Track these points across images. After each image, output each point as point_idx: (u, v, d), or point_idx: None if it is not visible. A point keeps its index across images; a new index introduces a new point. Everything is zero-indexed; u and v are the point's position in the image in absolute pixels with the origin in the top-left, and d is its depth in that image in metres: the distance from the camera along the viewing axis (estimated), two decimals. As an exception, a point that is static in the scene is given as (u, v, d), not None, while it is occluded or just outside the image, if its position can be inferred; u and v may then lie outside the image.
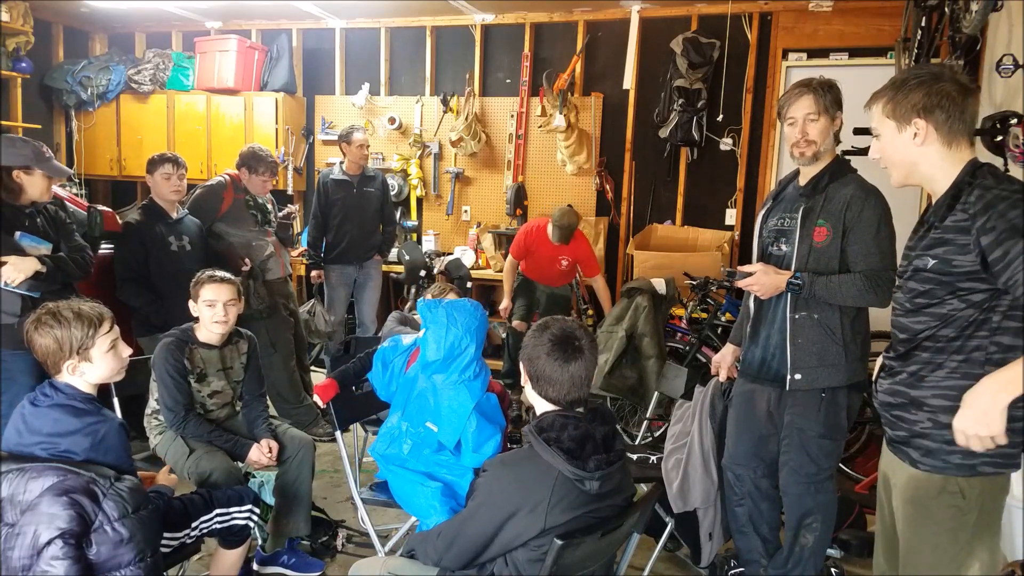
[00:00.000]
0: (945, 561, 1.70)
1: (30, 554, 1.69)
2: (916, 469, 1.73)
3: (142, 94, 6.27)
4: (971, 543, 1.68)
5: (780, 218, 2.47)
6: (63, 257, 3.03)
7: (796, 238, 2.37)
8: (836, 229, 2.32)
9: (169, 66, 6.26)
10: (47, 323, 1.97)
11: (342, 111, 6.16)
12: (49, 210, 3.12)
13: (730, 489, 2.69)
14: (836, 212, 2.32)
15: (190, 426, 2.76)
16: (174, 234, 3.73)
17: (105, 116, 6.39)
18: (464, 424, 2.48)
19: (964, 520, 1.68)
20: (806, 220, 2.36)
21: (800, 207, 2.39)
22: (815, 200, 2.36)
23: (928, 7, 3.59)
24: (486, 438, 2.48)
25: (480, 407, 2.51)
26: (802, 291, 2.31)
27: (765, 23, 5.14)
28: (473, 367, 2.52)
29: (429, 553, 1.87)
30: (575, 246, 4.71)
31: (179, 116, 6.21)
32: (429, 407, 2.60)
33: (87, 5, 5.83)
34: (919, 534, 1.74)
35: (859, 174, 2.41)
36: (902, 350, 1.76)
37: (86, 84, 6.27)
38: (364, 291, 5.10)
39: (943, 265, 1.64)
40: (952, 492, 1.68)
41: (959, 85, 1.66)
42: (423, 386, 2.64)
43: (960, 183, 1.65)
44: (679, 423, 2.94)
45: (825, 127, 2.35)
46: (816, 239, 2.34)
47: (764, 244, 2.53)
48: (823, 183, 2.37)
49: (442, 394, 2.56)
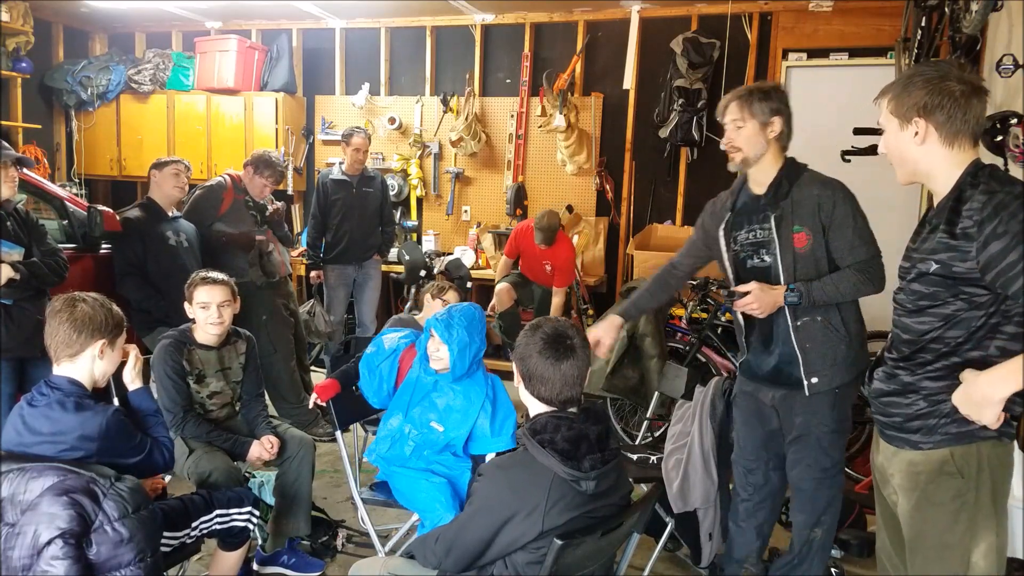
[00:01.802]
0: (951, 543, 1.69)
1: (30, 554, 1.69)
2: (917, 451, 1.72)
3: (142, 94, 6.27)
4: (974, 523, 1.67)
5: (749, 230, 2.44)
6: (37, 262, 3.01)
7: (777, 248, 2.35)
8: (815, 232, 2.31)
9: (169, 66, 6.26)
10: (98, 301, 2.07)
11: (342, 111, 6.15)
12: (20, 213, 3.10)
13: (740, 483, 2.67)
14: (810, 215, 2.31)
15: (189, 426, 2.76)
16: (172, 230, 3.77)
17: (105, 116, 6.39)
18: (476, 417, 2.55)
19: (965, 500, 1.67)
20: (781, 228, 2.34)
21: (769, 216, 2.37)
22: (783, 207, 2.34)
23: (928, 7, 3.58)
24: (504, 417, 2.58)
25: (488, 394, 2.61)
26: (802, 301, 2.30)
27: (765, 23, 5.13)
28: (480, 360, 2.64)
29: (428, 558, 1.87)
30: (556, 251, 4.77)
31: (179, 116, 6.21)
32: (436, 407, 2.61)
33: (87, 5, 5.83)
34: (922, 519, 1.73)
35: (812, 169, 2.39)
36: (906, 351, 1.75)
37: (86, 84, 6.27)
38: (364, 291, 5.10)
39: (945, 269, 1.63)
40: (950, 473, 1.68)
41: (965, 84, 1.64)
42: (426, 385, 2.65)
43: (962, 185, 1.64)
44: (679, 423, 2.94)
45: (752, 133, 2.32)
46: (798, 246, 2.33)
47: (739, 258, 2.49)
48: (784, 188, 2.35)
49: (451, 393, 2.58)
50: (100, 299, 2.09)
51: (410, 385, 2.70)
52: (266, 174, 4.11)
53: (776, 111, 2.31)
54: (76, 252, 3.71)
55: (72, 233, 3.82)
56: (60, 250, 3.20)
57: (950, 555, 1.70)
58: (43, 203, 3.90)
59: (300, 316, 4.60)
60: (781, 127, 2.33)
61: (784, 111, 2.33)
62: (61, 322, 2.01)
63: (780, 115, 2.32)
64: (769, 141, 2.33)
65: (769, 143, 2.33)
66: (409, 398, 2.69)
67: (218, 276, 2.87)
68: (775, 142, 2.34)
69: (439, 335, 2.57)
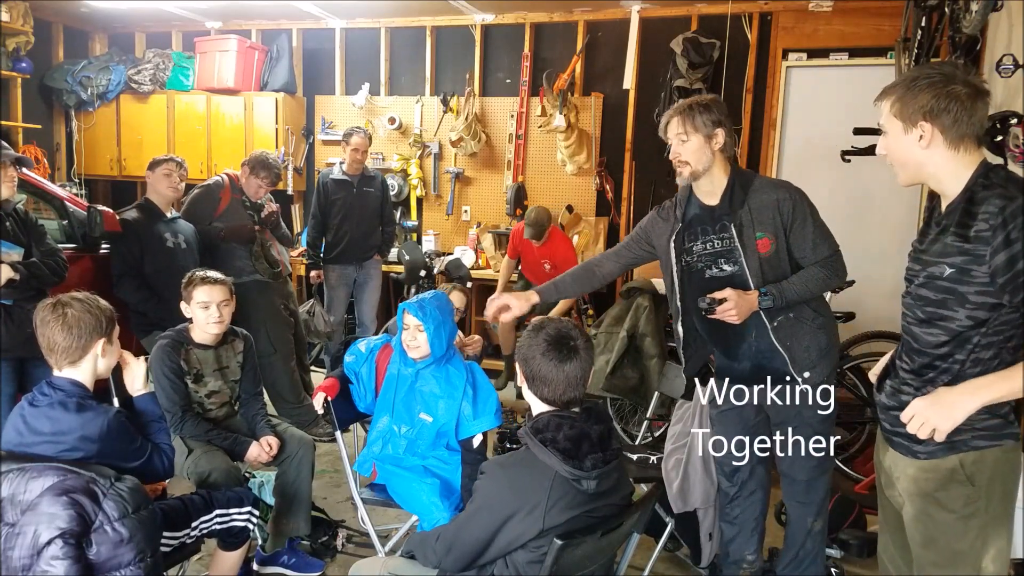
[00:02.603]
0: (963, 549, 1.69)
1: (30, 554, 1.69)
2: (917, 459, 1.72)
3: (142, 94, 6.27)
4: (985, 530, 1.68)
5: (706, 240, 2.46)
6: (36, 262, 3.01)
7: (741, 255, 2.39)
8: (777, 236, 2.37)
9: (169, 66, 6.26)
10: (83, 300, 2.02)
11: (342, 111, 6.15)
12: (19, 213, 3.10)
13: (724, 484, 2.67)
14: (769, 220, 2.36)
15: (187, 426, 2.76)
16: (170, 231, 3.76)
17: (105, 116, 6.39)
18: (460, 400, 2.59)
19: (976, 508, 1.67)
20: (743, 236, 2.38)
21: (728, 225, 2.40)
22: (740, 215, 2.39)
23: (928, 7, 3.58)
24: (485, 398, 2.63)
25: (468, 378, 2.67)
26: (776, 303, 2.35)
27: (765, 23, 5.13)
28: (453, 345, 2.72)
29: (429, 557, 1.87)
30: (554, 249, 4.78)
31: (179, 116, 6.21)
32: (423, 395, 2.63)
33: (87, 5, 5.83)
34: (933, 526, 1.73)
35: (760, 175, 2.44)
36: (916, 362, 1.74)
37: (86, 84, 6.27)
38: (364, 291, 5.10)
39: (960, 275, 1.62)
40: (960, 481, 1.68)
41: (970, 87, 1.62)
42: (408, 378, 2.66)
43: (973, 187, 1.62)
44: (679, 423, 2.94)
45: (697, 146, 2.37)
46: (762, 251, 2.38)
47: (692, 270, 2.50)
48: (739, 196, 2.39)
49: (434, 380, 2.62)
50: (86, 298, 2.05)
51: (392, 382, 2.72)
52: (262, 175, 4.10)
53: (718, 123, 2.37)
54: (76, 252, 3.71)
55: (72, 233, 3.81)
56: (59, 250, 3.20)
57: (962, 561, 1.70)
58: (43, 203, 3.90)
59: (300, 316, 4.61)
60: (724, 138, 2.38)
61: (725, 123, 2.39)
62: (55, 331, 1.98)
63: (722, 127, 2.38)
64: (715, 152, 2.38)
65: (715, 154, 2.39)
66: (393, 395, 2.71)
67: (217, 275, 2.87)
68: (720, 153, 2.40)
69: (413, 314, 2.59)
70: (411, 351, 2.64)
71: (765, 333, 2.42)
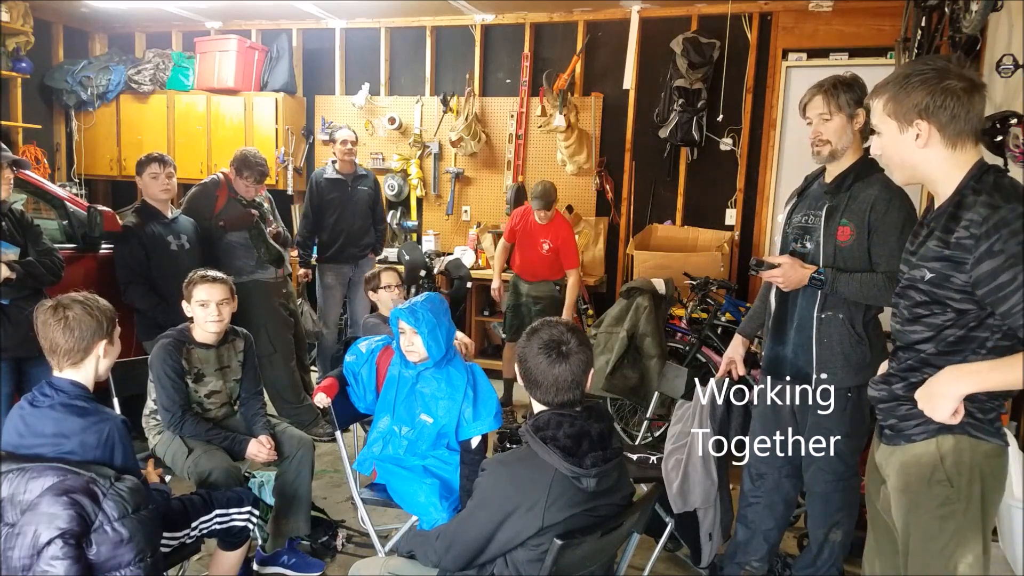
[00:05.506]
0: (934, 549, 1.67)
1: (30, 554, 1.69)
2: (911, 443, 1.71)
3: (142, 94, 6.27)
4: (961, 533, 1.65)
5: (805, 215, 2.47)
6: (33, 262, 3.01)
7: (820, 236, 2.37)
8: (860, 229, 2.32)
9: (169, 66, 6.26)
10: (84, 301, 2.02)
11: (342, 111, 6.15)
12: (15, 213, 3.10)
13: (748, 487, 2.67)
14: (860, 212, 2.32)
15: (187, 426, 2.76)
16: (172, 234, 3.73)
17: (105, 116, 6.39)
18: (461, 402, 2.59)
19: (952, 509, 1.65)
20: (830, 219, 2.36)
21: (824, 205, 2.39)
22: (839, 199, 2.36)
23: (928, 7, 3.58)
24: (485, 400, 2.62)
25: (469, 379, 2.66)
26: (824, 286, 2.31)
27: (765, 23, 5.13)
28: (452, 346, 2.70)
29: (429, 555, 1.88)
30: (556, 228, 4.66)
31: (179, 116, 6.21)
32: (423, 397, 2.63)
33: (87, 5, 5.83)
34: (910, 521, 1.72)
35: (885, 174, 2.36)
36: (902, 358, 1.74)
37: (86, 84, 6.27)
38: (358, 290, 5.07)
39: (940, 279, 1.60)
40: (940, 481, 1.66)
41: (966, 81, 1.57)
42: (409, 379, 2.66)
43: (964, 190, 1.59)
44: (679, 423, 2.94)
45: (839, 126, 2.34)
46: (840, 238, 2.34)
47: (788, 240, 2.52)
48: (848, 182, 2.37)
49: (435, 382, 2.62)
50: (86, 299, 2.04)
51: (393, 383, 2.72)
52: (245, 174, 4.06)
53: (859, 102, 2.33)
54: (76, 252, 3.70)
55: (72, 233, 3.80)
56: (56, 250, 3.19)
57: (933, 563, 1.68)
58: (43, 203, 3.89)
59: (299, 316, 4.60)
60: (865, 118, 2.33)
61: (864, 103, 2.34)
62: (57, 333, 1.97)
63: (861, 106, 2.33)
64: (855, 133, 2.35)
65: (855, 135, 2.35)
66: (394, 396, 2.71)
67: (217, 274, 2.87)
68: (858, 134, 2.36)
69: (406, 321, 2.58)
70: (409, 355, 2.64)
71: (809, 322, 2.40)
